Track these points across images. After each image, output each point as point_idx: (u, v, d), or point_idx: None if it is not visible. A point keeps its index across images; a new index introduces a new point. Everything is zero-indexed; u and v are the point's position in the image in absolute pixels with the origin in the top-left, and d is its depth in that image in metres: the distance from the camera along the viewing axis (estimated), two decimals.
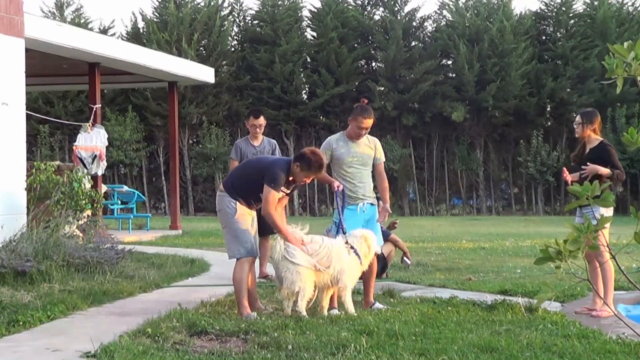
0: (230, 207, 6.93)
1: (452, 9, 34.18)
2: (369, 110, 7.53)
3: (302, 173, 6.92)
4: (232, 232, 6.95)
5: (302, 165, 6.89)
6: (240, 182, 7.03)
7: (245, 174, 7.13)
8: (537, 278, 9.38)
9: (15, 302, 7.06)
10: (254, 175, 6.96)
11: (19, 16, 10.73)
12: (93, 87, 15.43)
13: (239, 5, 35.18)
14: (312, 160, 6.89)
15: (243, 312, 6.79)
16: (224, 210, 6.99)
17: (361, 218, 7.41)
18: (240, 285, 6.86)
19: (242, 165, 7.67)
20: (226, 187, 7.06)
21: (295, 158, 7.03)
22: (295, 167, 6.91)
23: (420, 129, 32.95)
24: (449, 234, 19.33)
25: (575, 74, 31.57)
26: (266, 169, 6.91)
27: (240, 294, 6.86)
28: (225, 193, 7.02)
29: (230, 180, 7.16)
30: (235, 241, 6.94)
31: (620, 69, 3.16)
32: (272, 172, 6.84)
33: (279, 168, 6.89)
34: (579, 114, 7.84)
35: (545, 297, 3.50)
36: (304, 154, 6.98)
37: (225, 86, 32.48)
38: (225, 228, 7.07)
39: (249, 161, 7.96)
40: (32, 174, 10.83)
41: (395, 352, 5.34)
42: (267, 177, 6.81)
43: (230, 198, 6.95)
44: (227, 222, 6.99)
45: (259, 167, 7.06)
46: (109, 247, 9.72)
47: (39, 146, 31.19)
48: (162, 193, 33.12)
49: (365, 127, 7.47)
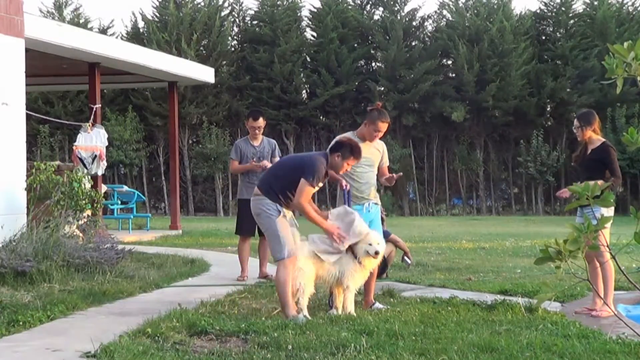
0: (271, 209, 6.85)
1: (452, 9, 34.19)
2: (386, 114, 7.61)
3: (343, 162, 6.95)
4: (274, 234, 6.85)
5: (345, 153, 6.92)
6: (279, 183, 6.93)
7: (283, 175, 7.01)
8: (537, 278, 9.38)
9: (15, 302, 7.06)
10: (292, 174, 6.89)
11: (19, 16, 10.73)
12: (93, 87, 15.43)
13: (239, 5, 35.22)
14: (353, 146, 6.97)
15: (289, 313, 6.70)
16: (263, 213, 6.90)
17: (366, 218, 7.44)
18: (285, 286, 6.75)
19: (277, 167, 7.54)
20: (264, 190, 6.96)
21: (332, 149, 7.00)
22: (336, 158, 6.92)
23: (420, 129, 32.96)
24: (449, 234, 19.33)
25: (575, 74, 31.57)
26: (305, 165, 6.87)
27: (285, 295, 6.75)
28: (262, 196, 6.92)
29: (267, 183, 7.03)
30: (277, 243, 6.83)
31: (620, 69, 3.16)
32: (313, 166, 6.82)
33: (319, 162, 6.87)
34: (576, 118, 7.84)
35: (545, 297, 3.50)
36: (342, 143, 7.03)
37: (225, 86, 32.48)
38: (266, 231, 6.98)
39: (283, 161, 7.80)
40: (32, 174, 10.83)
41: (395, 352, 5.34)
42: (307, 171, 6.78)
43: (269, 200, 6.87)
44: (269, 225, 6.89)
45: (296, 165, 6.99)
46: (109, 247, 9.72)
47: (39, 146, 31.19)
48: (162, 193, 33.12)
49: (382, 130, 7.55)
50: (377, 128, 7.50)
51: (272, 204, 6.86)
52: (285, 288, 6.75)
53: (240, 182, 9.89)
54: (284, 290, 6.75)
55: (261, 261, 9.78)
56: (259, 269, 9.72)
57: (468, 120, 32.26)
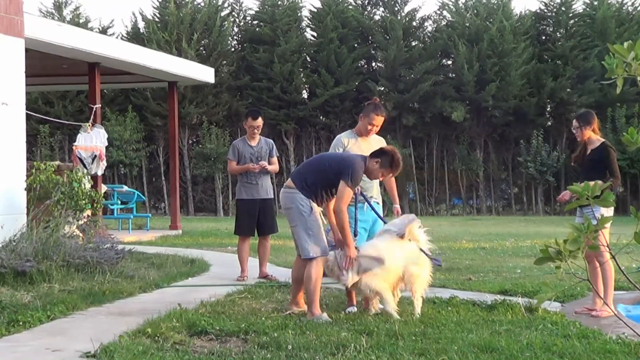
0: (305, 205, 6.72)
1: (452, 9, 34.20)
2: (381, 108, 7.57)
3: (380, 170, 6.84)
4: (307, 231, 6.71)
5: (384, 162, 6.81)
6: (315, 179, 6.79)
7: (320, 170, 6.85)
8: (537, 278, 9.38)
9: (15, 302, 7.05)
10: (330, 172, 6.76)
11: (19, 16, 10.72)
12: (93, 87, 15.43)
13: (239, 5, 35.24)
14: (396, 159, 6.83)
15: (315, 312, 6.64)
16: (295, 208, 6.75)
17: (369, 217, 7.42)
18: (316, 284, 6.67)
19: (314, 162, 7.29)
20: (298, 184, 6.80)
21: (374, 154, 6.87)
22: (375, 164, 6.80)
23: (420, 129, 32.96)
24: (449, 234, 19.32)
25: (575, 74, 31.58)
26: (346, 167, 6.70)
27: (314, 293, 6.67)
28: (296, 190, 6.78)
29: (302, 177, 6.87)
30: (311, 240, 6.71)
31: (620, 69, 3.15)
32: (354, 168, 6.67)
33: (359, 166, 6.73)
34: (575, 118, 7.84)
35: (545, 297, 3.49)
36: (386, 152, 6.89)
37: (225, 86, 32.49)
38: (296, 227, 6.79)
39: (321, 157, 7.55)
40: (32, 174, 10.82)
41: (395, 352, 5.34)
42: (346, 173, 6.63)
43: (303, 195, 6.74)
44: (300, 221, 6.73)
45: (336, 165, 6.82)
46: (109, 247, 9.72)
47: (39, 146, 31.20)
48: (162, 193, 33.12)
49: (376, 124, 7.49)
50: (371, 121, 7.45)
51: (306, 200, 6.75)
52: (315, 285, 6.68)
53: (239, 183, 9.89)
54: (314, 287, 6.68)
55: (261, 261, 9.78)
56: (259, 269, 9.72)
57: (468, 120, 32.27)
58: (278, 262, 11.20)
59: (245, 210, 9.67)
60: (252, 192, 9.63)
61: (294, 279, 7.09)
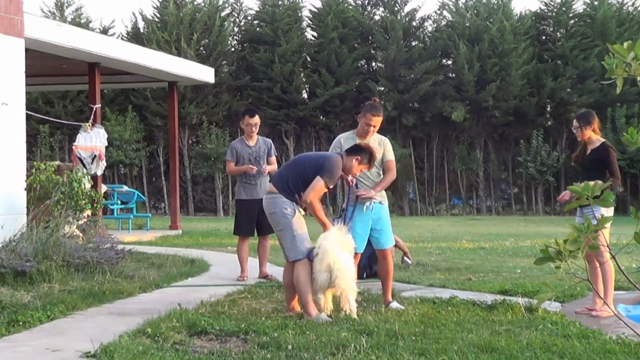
0: (288, 209, 6.79)
1: (452, 9, 34.20)
2: (378, 108, 7.53)
3: (360, 166, 7.02)
4: (292, 234, 6.77)
5: (363, 158, 6.98)
6: (296, 180, 6.85)
7: (299, 172, 6.90)
8: (537, 278, 9.38)
9: (15, 302, 7.06)
10: (309, 171, 6.83)
11: (19, 16, 10.72)
12: (93, 87, 15.43)
13: (239, 5, 35.24)
14: (373, 155, 7.05)
15: (312, 312, 6.64)
16: (279, 212, 6.81)
17: (369, 217, 7.39)
18: (306, 286, 6.69)
19: (292, 164, 7.29)
20: (280, 188, 6.86)
21: (352, 152, 7.03)
22: (355, 161, 6.96)
23: (420, 129, 32.96)
24: (449, 234, 19.32)
25: (575, 74, 31.58)
26: (324, 164, 6.84)
27: (306, 295, 6.69)
28: (278, 194, 6.84)
29: (283, 181, 6.92)
30: (294, 242, 6.77)
31: (620, 69, 3.15)
32: (331, 166, 6.82)
33: (337, 164, 6.88)
34: (575, 118, 7.83)
35: (545, 297, 3.49)
36: (362, 148, 7.08)
37: (225, 86, 32.49)
38: (282, 230, 6.85)
39: (300, 159, 7.48)
40: (32, 174, 10.82)
41: (395, 352, 5.34)
42: (325, 170, 6.77)
43: (286, 199, 6.80)
44: (285, 225, 6.79)
45: (314, 164, 6.92)
46: (109, 247, 9.72)
47: (39, 146, 31.21)
48: (162, 193, 33.13)
49: (374, 124, 7.45)
50: (368, 122, 7.43)
51: (289, 203, 6.80)
52: (306, 287, 6.69)
53: (238, 183, 9.89)
54: (304, 289, 6.69)
55: (261, 261, 9.78)
56: (259, 269, 9.73)
57: (468, 120, 32.27)
58: (278, 262, 11.17)
59: (245, 211, 9.67)
60: (252, 193, 9.63)
61: (286, 284, 7.07)
